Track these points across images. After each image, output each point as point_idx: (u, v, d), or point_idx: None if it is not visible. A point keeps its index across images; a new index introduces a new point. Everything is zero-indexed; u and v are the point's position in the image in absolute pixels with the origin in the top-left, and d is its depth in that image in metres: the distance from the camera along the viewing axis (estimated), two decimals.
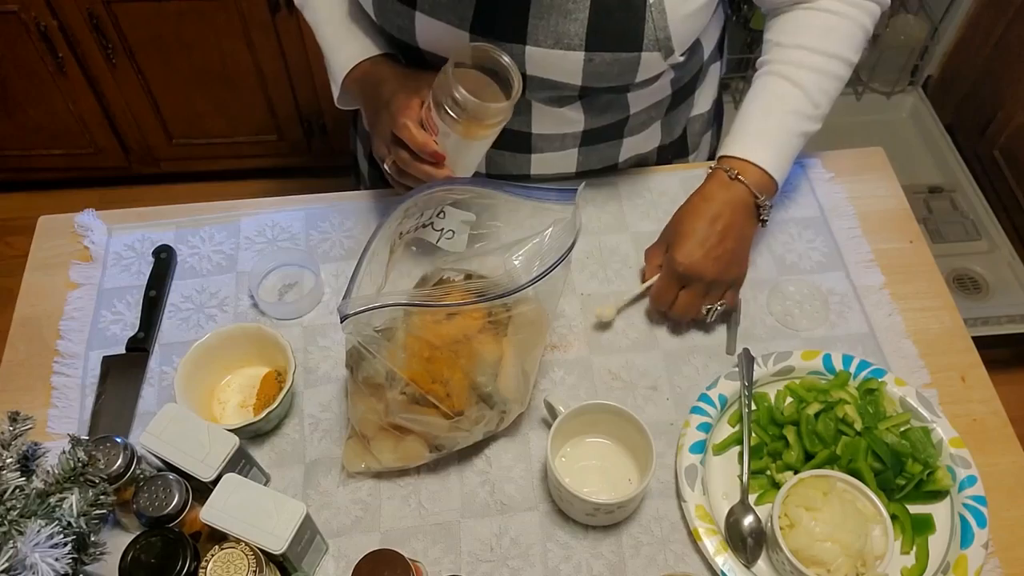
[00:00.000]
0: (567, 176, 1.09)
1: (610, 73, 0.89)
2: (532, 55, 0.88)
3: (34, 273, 1.05)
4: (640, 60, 0.88)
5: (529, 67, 0.90)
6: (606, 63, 0.88)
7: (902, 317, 0.99)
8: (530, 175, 1.07)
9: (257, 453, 0.90)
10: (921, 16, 2.16)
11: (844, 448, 0.85)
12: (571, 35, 0.86)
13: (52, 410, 0.93)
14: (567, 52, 0.87)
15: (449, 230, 0.88)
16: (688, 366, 0.96)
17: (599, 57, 0.87)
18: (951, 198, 2.09)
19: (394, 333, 0.82)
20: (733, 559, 0.81)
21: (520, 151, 1.03)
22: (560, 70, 0.89)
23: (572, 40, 0.86)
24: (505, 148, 1.02)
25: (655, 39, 0.87)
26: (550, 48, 0.87)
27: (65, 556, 0.65)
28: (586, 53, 0.87)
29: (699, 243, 0.92)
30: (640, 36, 0.87)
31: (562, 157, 1.05)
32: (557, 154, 1.04)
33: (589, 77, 0.90)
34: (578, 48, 0.87)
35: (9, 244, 2.31)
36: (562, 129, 1.01)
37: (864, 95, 2.30)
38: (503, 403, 0.85)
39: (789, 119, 0.95)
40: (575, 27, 0.86)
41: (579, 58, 0.87)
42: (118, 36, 1.94)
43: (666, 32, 0.87)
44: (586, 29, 0.86)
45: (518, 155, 1.04)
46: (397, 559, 0.72)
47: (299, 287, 1.03)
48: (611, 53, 0.87)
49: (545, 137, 1.01)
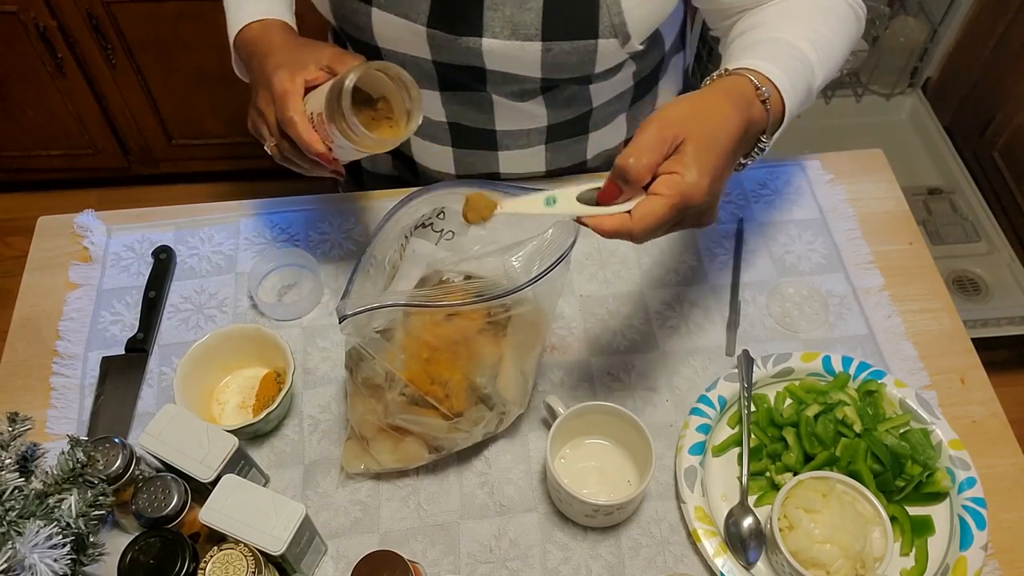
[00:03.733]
0: (537, 175, 1.08)
1: (569, 63, 0.89)
2: (490, 48, 0.88)
3: (33, 274, 1.05)
4: (597, 48, 0.88)
5: (488, 61, 0.90)
6: (564, 52, 0.88)
7: (902, 319, 0.99)
8: (499, 174, 1.07)
9: (256, 454, 0.90)
10: (921, 18, 2.16)
11: (843, 450, 0.85)
12: (527, 24, 0.86)
13: (51, 411, 0.93)
14: (524, 43, 0.87)
15: (449, 231, 0.88)
16: (687, 367, 0.96)
17: (557, 46, 0.87)
18: (950, 200, 2.09)
19: (393, 334, 0.82)
20: (732, 561, 0.81)
21: (486, 148, 1.03)
22: (519, 62, 0.89)
23: (528, 30, 0.86)
24: (472, 147, 1.03)
25: (611, 25, 0.86)
26: (507, 39, 0.87)
27: (64, 557, 0.65)
28: (543, 43, 0.87)
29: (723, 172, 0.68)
30: (596, 22, 0.86)
31: (530, 155, 1.05)
32: (524, 152, 1.04)
33: (549, 68, 0.89)
34: (535, 38, 0.87)
35: (8, 244, 2.31)
36: (525, 125, 1.00)
37: (864, 97, 2.30)
38: (502, 404, 0.85)
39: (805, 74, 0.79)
40: (530, 16, 0.86)
41: (536, 48, 0.87)
42: (117, 36, 1.94)
43: (621, 17, 0.86)
44: (541, 18, 0.86)
45: (485, 153, 1.04)
46: (396, 560, 0.72)
47: (298, 288, 1.03)
48: (568, 42, 0.87)
49: (509, 134, 1.01)
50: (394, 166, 1.16)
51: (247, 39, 0.91)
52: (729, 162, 0.68)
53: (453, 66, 0.92)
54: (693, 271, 1.04)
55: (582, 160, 1.09)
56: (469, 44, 0.88)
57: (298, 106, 0.81)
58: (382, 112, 0.85)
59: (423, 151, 1.07)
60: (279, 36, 0.89)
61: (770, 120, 0.74)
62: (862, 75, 2.27)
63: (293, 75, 0.82)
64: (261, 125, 0.86)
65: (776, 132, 0.76)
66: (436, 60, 0.92)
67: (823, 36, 0.82)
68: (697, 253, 1.06)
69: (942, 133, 2.21)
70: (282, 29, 0.91)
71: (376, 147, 0.82)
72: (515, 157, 1.04)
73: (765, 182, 1.13)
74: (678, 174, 0.64)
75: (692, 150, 0.65)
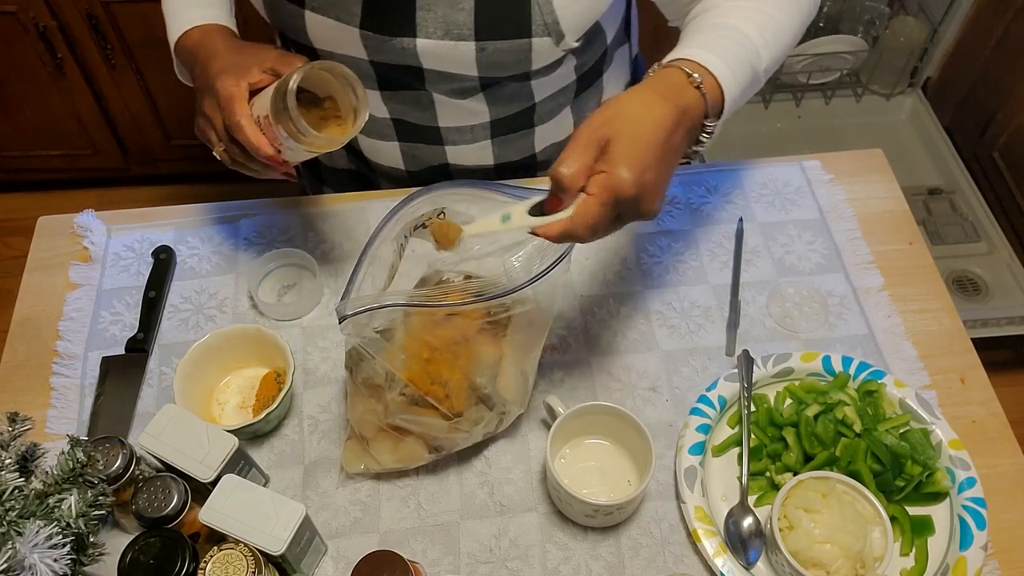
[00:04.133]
0: (486, 168, 1.08)
1: (505, 62, 0.89)
2: (424, 48, 0.88)
3: (33, 274, 1.05)
4: (531, 47, 0.88)
5: (424, 61, 0.90)
6: (499, 51, 0.88)
7: (901, 319, 0.99)
8: (448, 164, 1.07)
9: (256, 454, 0.90)
10: (920, 18, 2.17)
11: (843, 450, 0.85)
12: (460, 24, 0.86)
13: (51, 411, 0.93)
14: (458, 43, 0.87)
15: None
16: (687, 367, 0.96)
17: (491, 46, 0.87)
18: (950, 200, 2.09)
19: (393, 334, 0.82)
20: (732, 561, 0.81)
21: (432, 143, 1.03)
22: (454, 62, 0.89)
23: (462, 30, 0.86)
24: (419, 140, 1.03)
25: (543, 24, 0.86)
26: (440, 39, 0.87)
27: (64, 557, 0.65)
28: (477, 43, 0.87)
29: (654, 163, 0.68)
30: (528, 22, 0.86)
31: (476, 149, 1.05)
32: (470, 146, 1.04)
33: (485, 67, 0.89)
34: (468, 38, 0.87)
35: (8, 245, 2.31)
36: (468, 121, 1.00)
37: (863, 97, 2.30)
38: (502, 404, 0.85)
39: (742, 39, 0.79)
40: (463, 16, 0.86)
41: (471, 48, 0.87)
42: (117, 37, 1.94)
43: (553, 16, 0.86)
44: (474, 18, 0.86)
45: (432, 146, 1.04)
46: (396, 560, 0.72)
47: (298, 288, 1.03)
48: (502, 41, 0.87)
49: (453, 129, 1.01)
50: (349, 160, 1.16)
51: (188, 45, 0.91)
52: (663, 151, 0.69)
53: (390, 65, 0.92)
54: (693, 271, 1.04)
55: (531, 153, 1.09)
56: (403, 45, 0.88)
57: (244, 110, 0.81)
58: (329, 111, 0.85)
59: (371, 147, 1.08)
60: (220, 41, 0.89)
61: (709, 103, 0.74)
62: (862, 75, 2.27)
63: (238, 79, 0.82)
64: (208, 131, 0.86)
65: (723, 115, 0.77)
66: (373, 60, 0.92)
67: (770, 16, 0.82)
68: (697, 253, 1.06)
69: (942, 133, 2.21)
70: (223, 33, 0.91)
71: (325, 146, 0.83)
72: (462, 151, 1.04)
73: (765, 182, 1.13)
74: (605, 172, 0.67)
75: (618, 147, 0.67)
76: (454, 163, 1.06)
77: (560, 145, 1.10)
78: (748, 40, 0.79)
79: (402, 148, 1.05)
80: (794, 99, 2.29)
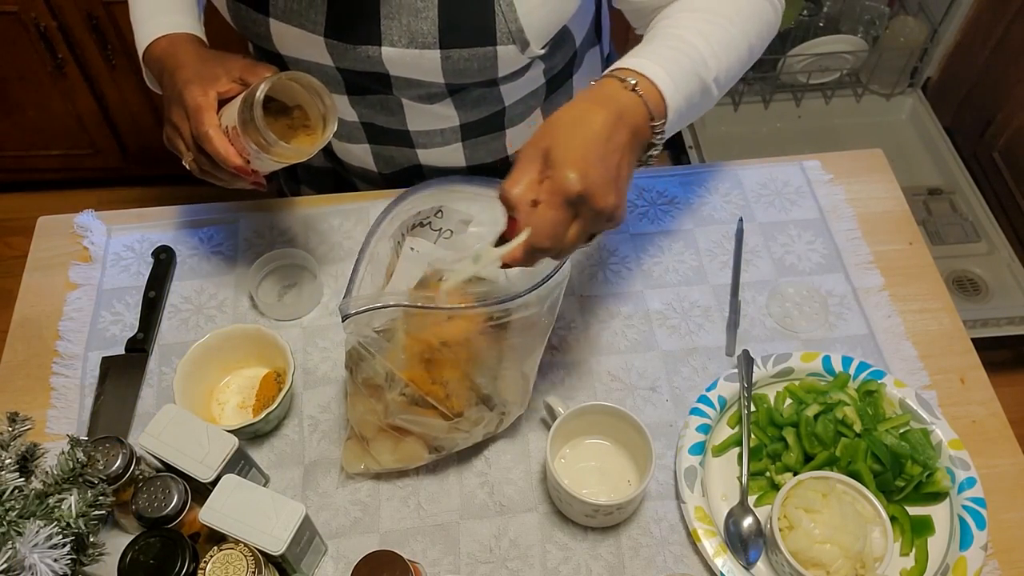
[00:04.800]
0: (459, 170, 1.08)
1: (470, 69, 0.89)
2: (389, 56, 0.88)
3: (33, 274, 1.05)
4: (496, 54, 0.88)
5: (389, 68, 0.90)
6: (464, 59, 0.87)
7: (901, 319, 0.99)
8: (421, 166, 1.06)
9: (256, 454, 0.90)
10: (920, 18, 2.17)
11: (843, 450, 0.85)
12: (424, 33, 0.86)
13: (51, 411, 0.93)
14: (423, 51, 0.87)
15: (447, 230, 0.88)
16: (687, 367, 0.96)
17: (456, 54, 0.87)
18: (950, 200, 2.09)
19: (394, 334, 0.82)
20: (732, 561, 0.81)
21: (403, 145, 1.03)
22: (420, 69, 0.89)
23: (426, 38, 0.86)
24: (389, 143, 1.03)
25: (508, 32, 0.86)
26: (405, 48, 0.87)
27: (64, 557, 0.65)
28: (442, 51, 0.87)
29: (598, 160, 0.68)
30: (492, 30, 0.86)
31: (447, 152, 1.04)
32: (441, 149, 1.04)
33: (451, 74, 0.89)
34: (433, 46, 0.86)
35: (8, 244, 2.31)
36: (437, 125, 1.00)
37: (863, 97, 2.30)
38: (502, 404, 0.85)
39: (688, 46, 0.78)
40: (427, 25, 0.86)
41: (435, 56, 0.87)
42: (117, 37, 1.94)
43: (517, 24, 0.86)
44: (438, 27, 0.85)
45: (403, 148, 1.04)
46: (396, 560, 0.72)
47: (298, 288, 1.03)
48: (466, 49, 0.87)
49: (423, 133, 1.01)
50: (326, 159, 1.16)
51: (156, 54, 0.90)
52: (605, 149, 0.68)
53: (357, 72, 0.92)
54: (693, 271, 1.04)
55: (504, 155, 1.09)
56: (369, 52, 0.88)
57: (213, 120, 0.81)
58: (298, 120, 0.85)
59: (342, 149, 1.08)
60: (189, 49, 0.88)
61: (649, 105, 0.72)
62: (862, 75, 2.27)
63: (205, 89, 0.82)
64: (177, 140, 0.86)
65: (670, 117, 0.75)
66: (339, 67, 0.92)
67: (722, 28, 0.81)
68: (697, 253, 1.06)
69: (942, 133, 2.21)
70: (191, 42, 0.90)
71: (293, 157, 0.82)
72: (433, 154, 1.04)
73: (765, 182, 1.13)
74: (550, 177, 0.67)
75: (558, 152, 0.67)
76: (426, 164, 1.06)
77: None
78: (694, 49, 0.78)
79: (373, 151, 1.05)
80: (794, 99, 2.29)
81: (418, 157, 1.05)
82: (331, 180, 1.19)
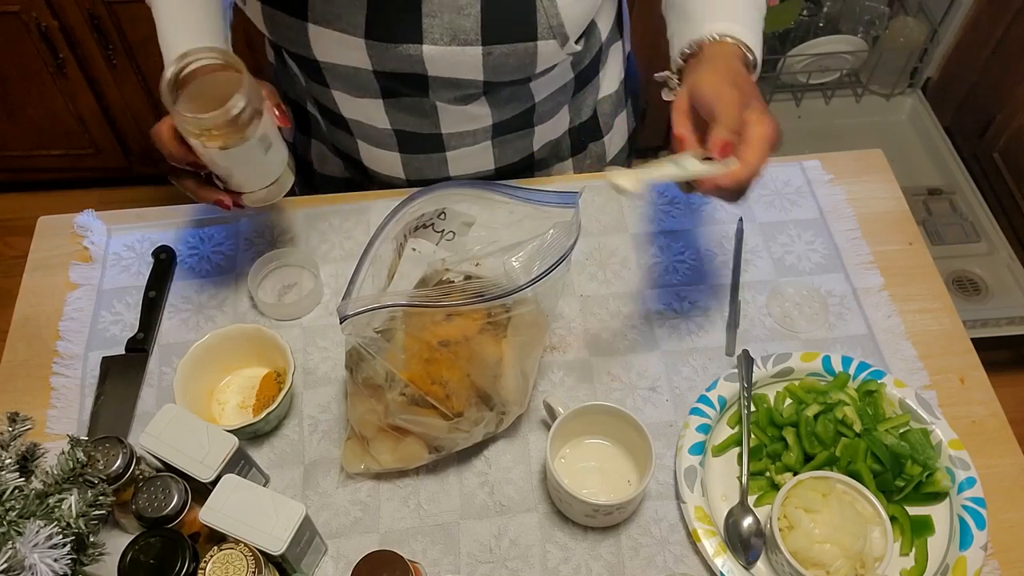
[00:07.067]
0: (486, 174, 1.09)
1: (509, 65, 0.89)
2: (431, 54, 0.88)
3: (33, 274, 1.05)
4: (537, 49, 0.88)
5: (430, 68, 0.90)
6: (504, 55, 0.88)
7: (901, 319, 0.99)
8: (450, 176, 1.07)
9: (256, 454, 0.90)
10: (920, 18, 2.17)
11: (843, 450, 0.85)
12: (466, 30, 0.86)
13: (51, 411, 0.93)
14: (465, 48, 0.87)
15: (450, 231, 0.88)
16: (687, 367, 0.96)
17: (497, 50, 0.87)
18: (950, 200, 2.09)
19: (393, 334, 0.82)
20: (732, 560, 0.81)
21: (433, 151, 1.03)
22: (461, 66, 0.89)
23: (468, 35, 0.86)
24: (420, 151, 1.03)
25: (548, 26, 0.87)
26: (447, 45, 0.87)
27: (64, 557, 0.65)
28: (484, 47, 0.87)
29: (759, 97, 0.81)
30: (534, 25, 0.87)
31: (477, 152, 1.05)
32: (471, 149, 1.04)
33: (490, 71, 0.90)
34: (475, 43, 0.87)
35: (9, 244, 2.31)
36: (470, 126, 1.01)
37: (863, 97, 2.31)
38: (502, 404, 0.85)
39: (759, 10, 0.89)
40: (469, 22, 0.86)
41: (477, 52, 0.87)
42: (119, 36, 1.94)
43: (558, 19, 0.87)
44: (480, 23, 0.86)
45: (432, 156, 1.04)
46: (396, 560, 0.72)
47: (298, 288, 1.03)
48: (508, 45, 0.87)
49: (455, 135, 1.02)
50: (345, 168, 1.16)
51: None
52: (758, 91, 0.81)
53: (394, 74, 0.92)
54: (693, 271, 1.04)
55: (529, 152, 1.09)
56: (409, 51, 0.88)
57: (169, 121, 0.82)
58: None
59: (371, 156, 1.07)
60: None
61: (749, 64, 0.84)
62: (862, 75, 2.28)
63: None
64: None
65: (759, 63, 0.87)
66: (376, 70, 0.92)
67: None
68: (697, 253, 1.06)
69: (942, 133, 2.21)
70: None
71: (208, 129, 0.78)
72: (463, 156, 1.05)
73: (765, 182, 1.13)
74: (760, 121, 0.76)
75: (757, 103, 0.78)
76: (455, 172, 1.07)
77: (555, 143, 1.11)
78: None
79: (403, 160, 1.05)
80: (794, 99, 2.29)
81: (447, 164, 1.05)
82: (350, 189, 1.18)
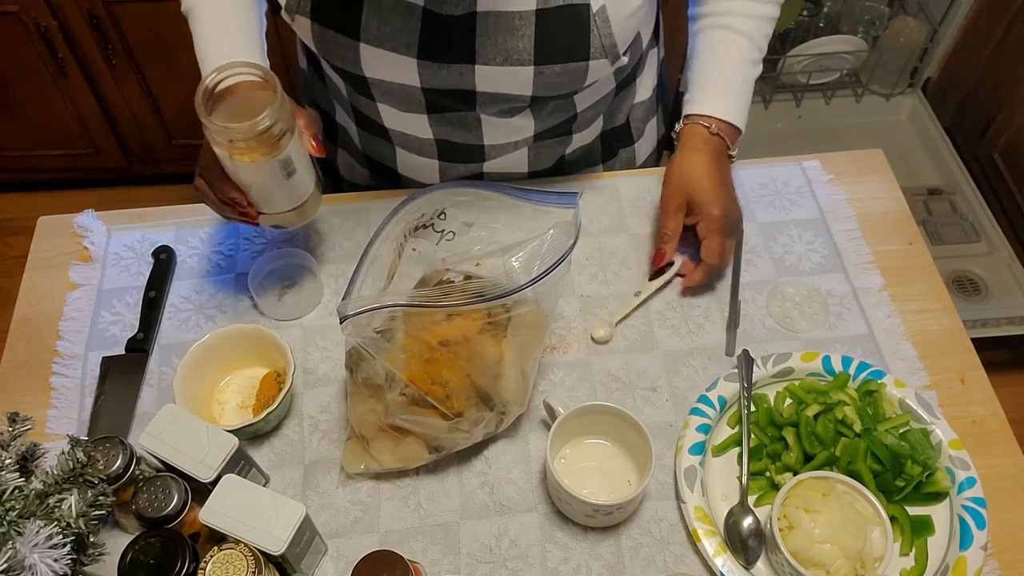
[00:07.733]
0: (519, 176, 1.09)
1: (560, 83, 0.90)
2: (483, 73, 0.89)
3: (33, 274, 1.05)
4: (588, 68, 0.89)
5: (480, 84, 0.90)
6: (555, 74, 0.89)
7: (901, 319, 0.99)
8: (483, 174, 1.08)
9: (256, 454, 0.90)
10: (920, 18, 2.17)
11: (843, 450, 0.85)
12: (520, 51, 0.87)
13: (51, 411, 0.93)
14: (517, 68, 0.88)
15: (450, 231, 0.88)
16: (687, 367, 0.96)
17: (549, 69, 0.88)
18: (950, 200, 2.09)
19: (393, 334, 0.82)
20: (732, 560, 0.81)
21: (473, 161, 1.04)
22: (511, 84, 0.90)
23: (521, 56, 0.87)
24: (459, 160, 1.04)
25: (600, 46, 0.88)
26: (499, 65, 0.88)
27: (64, 557, 0.65)
28: (536, 67, 0.88)
29: (720, 189, 0.96)
30: (587, 45, 0.87)
31: (513, 159, 1.06)
32: (509, 156, 1.05)
33: (539, 88, 0.90)
34: (527, 63, 0.87)
35: (9, 244, 2.31)
36: (512, 137, 1.02)
37: (863, 97, 2.30)
38: (502, 404, 0.85)
39: (744, 69, 1.00)
40: (523, 43, 0.86)
41: (529, 72, 0.88)
42: (118, 36, 1.94)
43: (611, 38, 0.88)
44: (533, 44, 0.86)
45: (471, 164, 1.05)
46: (396, 560, 0.72)
47: (298, 288, 1.03)
48: (560, 65, 0.88)
49: (496, 147, 1.03)
50: (371, 177, 1.16)
51: None
52: (719, 180, 0.97)
53: (443, 91, 0.92)
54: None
55: (560, 156, 1.10)
56: (461, 71, 0.89)
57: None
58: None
59: (408, 164, 1.07)
60: None
61: (727, 138, 0.99)
62: (862, 75, 2.28)
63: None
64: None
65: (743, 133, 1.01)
66: (425, 87, 0.92)
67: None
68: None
69: (942, 133, 2.21)
70: None
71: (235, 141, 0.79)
72: (499, 163, 1.05)
73: (765, 182, 1.13)
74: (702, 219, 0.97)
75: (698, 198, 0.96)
76: (488, 172, 1.07)
77: (587, 148, 1.12)
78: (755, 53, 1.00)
79: (440, 167, 1.05)
80: (794, 99, 2.29)
81: (483, 168, 1.06)
82: None
